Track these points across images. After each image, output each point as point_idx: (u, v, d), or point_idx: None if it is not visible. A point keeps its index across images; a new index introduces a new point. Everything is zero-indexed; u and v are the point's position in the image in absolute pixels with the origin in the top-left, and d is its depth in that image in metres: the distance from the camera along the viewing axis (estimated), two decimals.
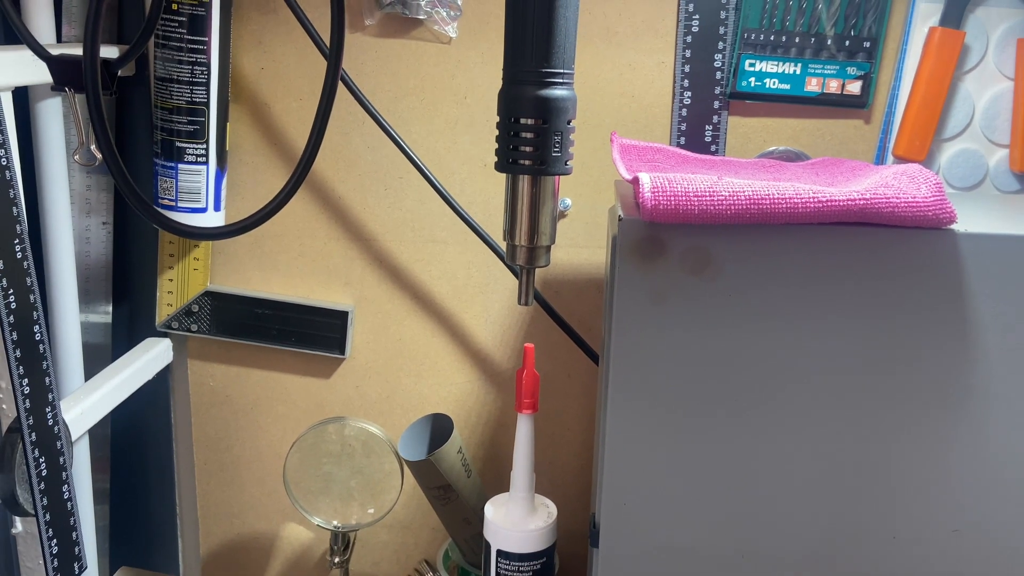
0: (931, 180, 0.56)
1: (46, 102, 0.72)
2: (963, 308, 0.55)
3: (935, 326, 0.56)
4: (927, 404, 0.57)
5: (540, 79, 0.52)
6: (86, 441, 0.79)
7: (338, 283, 0.84)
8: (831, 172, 0.67)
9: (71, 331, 0.77)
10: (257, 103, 0.81)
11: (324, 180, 0.82)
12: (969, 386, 0.56)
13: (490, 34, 0.78)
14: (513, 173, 0.54)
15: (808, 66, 0.77)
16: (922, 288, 0.55)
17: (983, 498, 0.58)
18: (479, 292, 0.84)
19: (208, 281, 0.84)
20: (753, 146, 0.79)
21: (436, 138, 0.80)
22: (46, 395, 0.63)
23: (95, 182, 0.80)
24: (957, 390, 0.57)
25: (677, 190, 0.53)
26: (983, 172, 0.78)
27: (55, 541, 0.64)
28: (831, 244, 0.55)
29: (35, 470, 0.62)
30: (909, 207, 0.54)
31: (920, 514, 0.59)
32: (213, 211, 0.78)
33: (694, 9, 0.77)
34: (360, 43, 0.79)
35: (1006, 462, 0.57)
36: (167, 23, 0.72)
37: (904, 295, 0.55)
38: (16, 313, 0.59)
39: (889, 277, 0.55)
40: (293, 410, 0.87)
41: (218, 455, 0.89)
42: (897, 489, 0.58)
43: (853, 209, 0.54)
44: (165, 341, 0.84)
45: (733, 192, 0.53)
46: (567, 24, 0.52)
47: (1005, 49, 0.77)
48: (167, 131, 0.75)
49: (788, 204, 0.53)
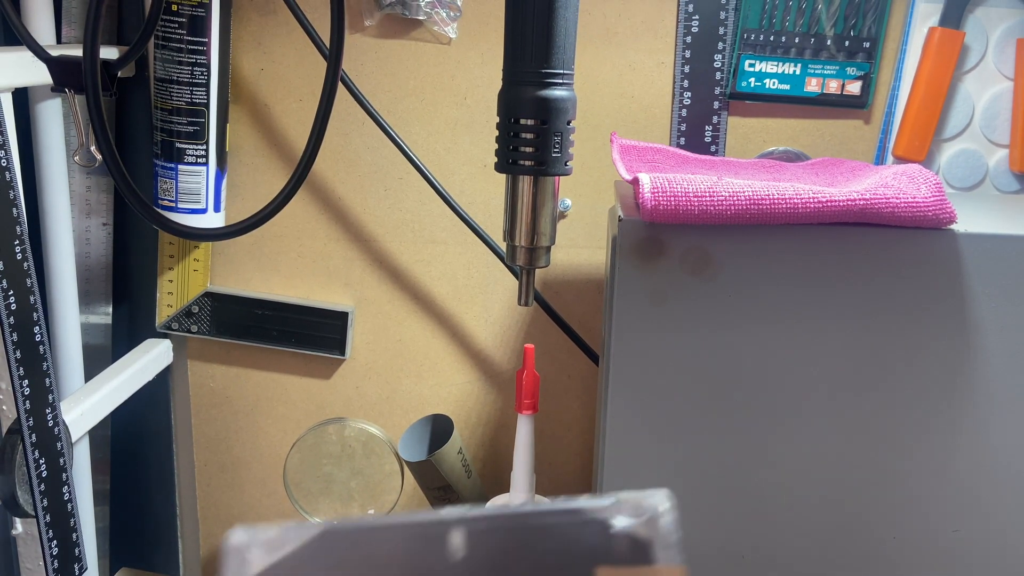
0: (931, 180, 0.56)
1: (46, 103, 0.72)
2: (963, 308, 0.55)
3: (935, 326, 0.56)
4: (927, 404, 0.57)
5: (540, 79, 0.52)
6: (86, 442, 0.78)
7: (338, 284, 0.84)
8: (831, 172, 0.67)
9: (71, 332, 0.77)
10: (257, 104, 0.81)
11: (324, 181, 0.82)
12: (969, 386, 0.56)
13: (490, 35, 0.78)
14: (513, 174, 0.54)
15: (808, 66, 0.77)
16: (922, 288, 0.55)
17: (984, 498, 0.58)
18: (479, 293, 0.84)
19: (208, 282, 0.84)
20: (753, 146, 0.79)
21: (436, 139, 0.80)
22: (46, 396, 0.63)
23: (95, 183, 0.80)
24: (957, 390, 0.57)
25: (677, 190, 0.53)
26: (983, 172, 0.78)
27: (55, 542, 0.64)
28: (831, 244, 0.55)
29: (35, 471, 0.62)
30: (909, 207, 0.54)
31: (920, 514, 0.59)
32: (213, 212, 0.78)
33: (694, 9, 0.77)
34: (360, 44, 0.79)
35: (1006, 462, 0.57)
36: (167, 24, 0.72)
37: (904, 295, 0.55)
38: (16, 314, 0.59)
39: (889, 277, 0.55)
40: (293, 411, 0.87)
41: (218, 456, 0.89)
42: (897, 489, 0.58)
43: (853, 209, 0.54)
44: (165, 342, 0.84)
45: (733, 192, 0.53)
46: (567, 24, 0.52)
47: (1005, 49, 0.77)
48: (167, 132, 0.75)
49: (788, 204, 0.53)
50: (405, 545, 0.25)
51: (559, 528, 0.26)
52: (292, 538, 0.25)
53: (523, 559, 0.25)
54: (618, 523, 0.26)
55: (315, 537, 0.25)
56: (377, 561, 0.25)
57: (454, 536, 0.25)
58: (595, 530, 0.26)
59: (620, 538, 0.26)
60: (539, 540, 0.25)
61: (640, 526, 0.26)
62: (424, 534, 0.25)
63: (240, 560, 0.25)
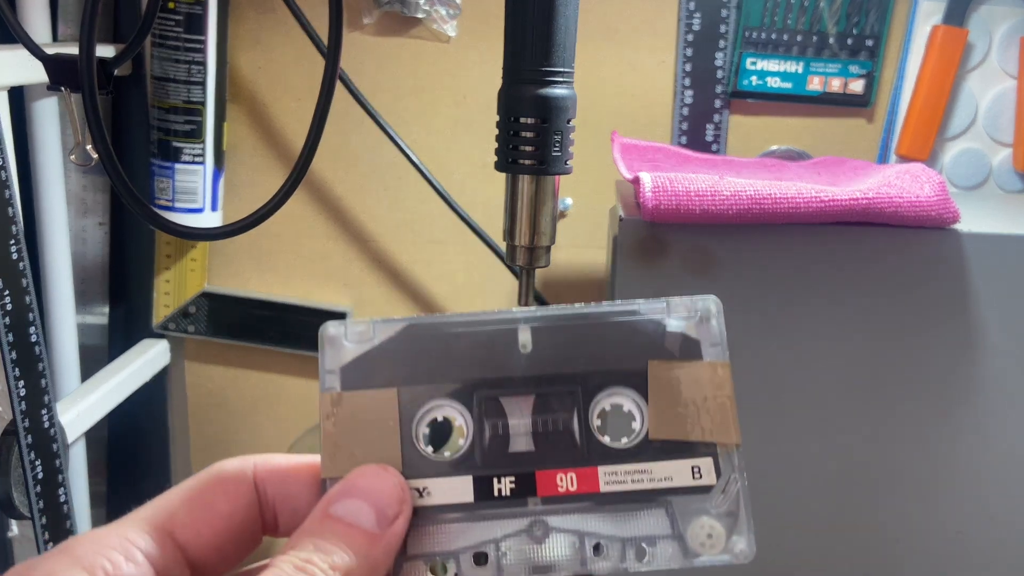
0: (934, 179, 0.55)
1: (42, 102, 0.72)
2: (966, 308, 0.55)
3: (938, 326, 0.55)
4: (930, 405, 0.56)
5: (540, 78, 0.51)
6: (82, 443, 0.78)
7: (337, 284, 0.84)
8: (833, 171, 0.67)
9: (67, 333, 0.77)
10: (255, 102, 0.80)
11: (322, 180, 0.82)
12: (972, 387, 0.56)
13: (489, 33, 0.78)
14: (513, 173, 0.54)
15: (810, 64, 0.76)
16: (925, 288, 0.55)
17: (987, 499, 0.58)
18: (479, 293, 0.83)
19: (205, 282, 0.83)
20: (755, 145, 0.79)
21: (435, 138, 0.80)
22: (42, 397, 0.62)
23: (91, 182, 0.80)
24: (960, 391, 0.56)
25: (678, 190, 0.53)
26: (986, 171, 0.78)
27: (51, 544, 0.63)
28: (833, 244, 0.55)
29: (31, 473, 0.61)
30: (912, 207, 0.53)
31: (923, 515, 0.58)
32: (210, 211, 0.78)
33: (695, 7, 0.76)
34: (358, 42, 0.78)
35: (1010, 462, 0.57)
36: (164, 22, 0.72)
37: (907, 295, 0.55)
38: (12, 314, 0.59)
39: (892, 277, 0.55)
40: (291, 412, 0.87)
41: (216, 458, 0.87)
42: (899, 489, 0.58)
43: (856, 209, 0.53)
44: (162, 343, 0.84)
45: (735, 192, 0.53)
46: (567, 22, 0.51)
47: (1008, 47, 0.76)
48: (164, 131, 0.74)
49: (790, 204, 0.53)
50: (479, 339, 0.29)
51: (617, 326, 0.29)
52: (379, 332, 0.29)
53: (583, 353, 0.29)
54: (671, 323, 0.30)
55: (400, 331, 0.29)
56: (454, 352, 0.29)
57: (523, 332, 0.29)
58: (649, 328, 0.29)
59: (672, 336, 0.30)
60: (598, 336, 0.29)
61: (691, 326, 0.30)
62: (496, 330, 0.29)
63: (337, 347, 0.29)
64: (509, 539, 0.28)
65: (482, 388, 0.29)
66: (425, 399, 0.29)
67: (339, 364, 0.29)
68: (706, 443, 0.29)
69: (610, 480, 0.28)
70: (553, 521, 0.28)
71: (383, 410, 0.29)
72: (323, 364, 0.29)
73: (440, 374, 0.29)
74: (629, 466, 0.28)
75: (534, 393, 0.29)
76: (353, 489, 0.27)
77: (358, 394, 0.29)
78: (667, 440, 0.29)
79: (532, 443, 0.29)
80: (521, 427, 0.29)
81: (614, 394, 0.29)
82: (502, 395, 0.29)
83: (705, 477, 0.29)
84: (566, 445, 0.29)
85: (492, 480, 0.28)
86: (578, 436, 0.29)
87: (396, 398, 0.29)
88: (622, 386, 0.29)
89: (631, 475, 0.28)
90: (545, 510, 0.28)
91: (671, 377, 0.29)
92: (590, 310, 0.30)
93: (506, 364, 0.29)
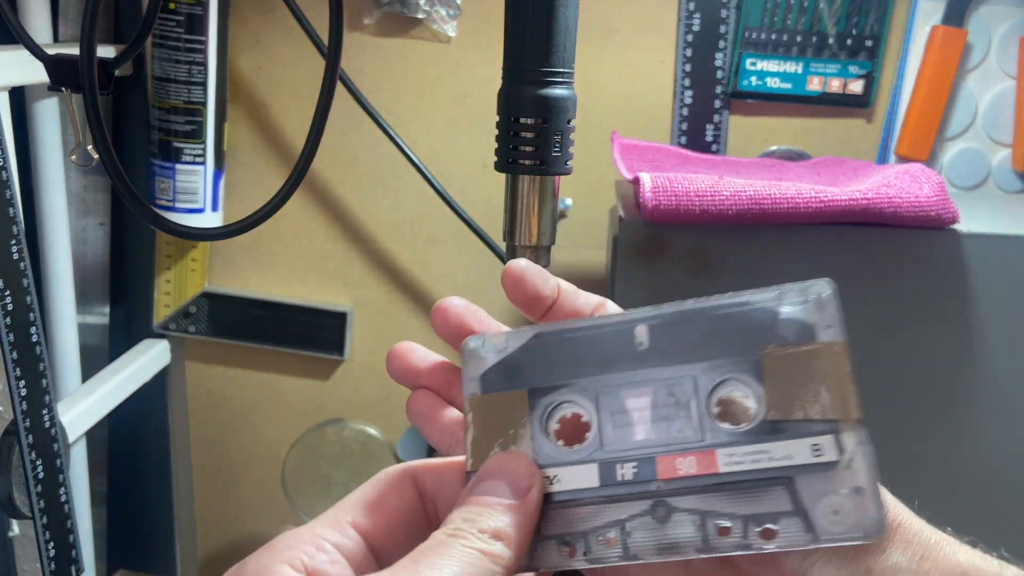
0: (933, 180, 0.55)
1: (43, 102, 0.72)
2: (965, 308, 0.55)
3: (937, 326, 0.55)
4: (929, 404, 0.57)
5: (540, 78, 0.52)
6: (83, 443, 0.78)
7: (337, 284, 0.84)
8: (833, 172, 0.67)
9: (68, 333, 0.77)
10: (255, 103, 0.80)
11: (323, 180, 0.82)
12: (971, 386, 0.56)
13: (489, 33, 0.78)
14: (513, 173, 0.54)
15: (810, 65, 0.76)
16: (924, 288, 0.55)
17: (987, 498, 0.58)
18: (479, 293, 0.83)
19: (206, 282, 0.83)
20: (754, 145, 0.79)
21: (435, 138, 0.80)
22: (43, 397, 0.62)
23: (92, 182, 0.80)
24: (959, 390, 0.56)
25: (678, 190, 0.53)
26: (986, 171, 0.78)
27: (52, 544, 0.63)
28: (833, 244, 0.55)
29: (32, 473, 0.61)
30: (911, 207, 0.53)
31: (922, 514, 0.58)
32: (211, 211, 0.78)
33: (695, 7, 0.76)
34: (359, 42, 0.78)
35: (1008, 461, 0.57)
36: (165, 22, 0.72)
37: (906, 295, 0.55)
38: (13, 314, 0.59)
39: (891, 277, 0.55)
40: (291, 412, 0.87)
41: (216, 457, 0.88)
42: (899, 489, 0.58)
43: (855, 209, 0.53)
44: (163, 343, 0.84)
45: (735, 192, 0.53)
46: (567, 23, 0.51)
47: (1007, 48, 0.76)
48: (164, 131, 0.74)
49: (790, 204, 0.53)
50: (599, 340, 0.31)
51: (727, 318, 0.30)
52: (512, 342, 0.33)
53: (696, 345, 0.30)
54: (783, 310, 0.30)
55: (529, 339, 0.32)
56: (578, 353, 0.31)
57: (639, 330, 0.31)
58: (762, 317, 0.30)
59: (785, 322, 0.30)
60: (710, 328, 0.30)
61: (804, 310, 0.30)
62: (614, 330, 0.31)
63: (478, 359, 0.33)
64: (634, 519, 0.30)
65: (604, 384, 0.31)
66: (553, 397, 0.31)
67: (479, 372, 0.33)
68: (827, 420, 0.29)
69: (729, 461, 0.29)
70: (675, 502, 0.29)
71: (516, 408, 0.32)
72: (466, 373, 0.33)
73: (565, 374, 0.31)
74: (748, 447, 0.29)
75: (651, 385, 0.31)
76: (490, 472, 0.31)
77: (495, 396, 0.32)
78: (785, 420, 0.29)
79: (652, 432, 0.30)
80: (641, 417, 0.30)
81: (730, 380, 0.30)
82: (622, 389, 0.31)
83: (827, 454, 0.29)
84: (684, 432, 0.30)
85: (615, 466, 0.30)
86: (696, 422, 0.30)
87: (527, 397, 0.32)
88: (737, 372, 0.30)
89: (750, 455, 0.29)
90: (666, 490, 0.29)
91: (786, 361, 0.30)
92: (701, 305, 0.31)
93: (624, 360, 0.31)
